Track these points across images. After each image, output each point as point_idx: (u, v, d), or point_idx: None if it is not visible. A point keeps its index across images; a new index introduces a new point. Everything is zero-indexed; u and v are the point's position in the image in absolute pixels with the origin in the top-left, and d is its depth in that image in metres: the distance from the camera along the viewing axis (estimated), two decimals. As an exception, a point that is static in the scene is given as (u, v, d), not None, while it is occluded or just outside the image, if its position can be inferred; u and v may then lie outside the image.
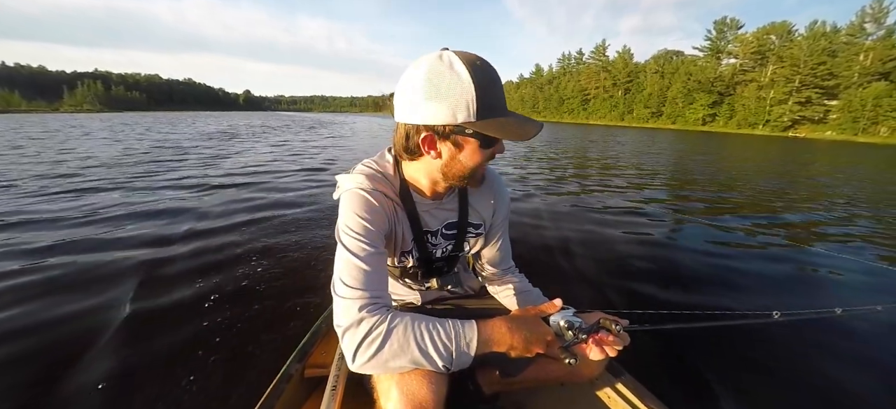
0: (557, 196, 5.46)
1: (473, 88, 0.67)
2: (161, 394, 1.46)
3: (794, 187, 7.35)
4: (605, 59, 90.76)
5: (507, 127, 0.70)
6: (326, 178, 6.22)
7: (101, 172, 6.20)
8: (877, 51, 51.74)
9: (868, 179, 9.36)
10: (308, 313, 2.00)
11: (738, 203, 5.60)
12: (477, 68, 0.68)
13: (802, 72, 56.87)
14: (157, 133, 15.66)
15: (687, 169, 9.41)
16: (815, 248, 3.57)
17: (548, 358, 0.77)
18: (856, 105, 51.29)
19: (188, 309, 2.05)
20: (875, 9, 53.34)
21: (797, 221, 4.68)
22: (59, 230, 3.24)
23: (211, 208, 4.10)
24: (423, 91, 0.68)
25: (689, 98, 70.23)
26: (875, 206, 5.80)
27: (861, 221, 4.77)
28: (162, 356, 1.67)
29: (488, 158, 0.77)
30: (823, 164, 13.30)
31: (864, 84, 52.20)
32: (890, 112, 47.86)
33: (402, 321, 0.67)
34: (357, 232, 0.75)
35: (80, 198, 4.42)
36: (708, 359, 1.76)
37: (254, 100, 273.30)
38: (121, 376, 1.55)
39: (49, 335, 1.82)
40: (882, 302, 1.27)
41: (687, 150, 16.16)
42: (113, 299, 2.13)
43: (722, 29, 70.22)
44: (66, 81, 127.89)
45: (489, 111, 0.69)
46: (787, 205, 5.61)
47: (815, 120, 57.27)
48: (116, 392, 1.47)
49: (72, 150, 9.22)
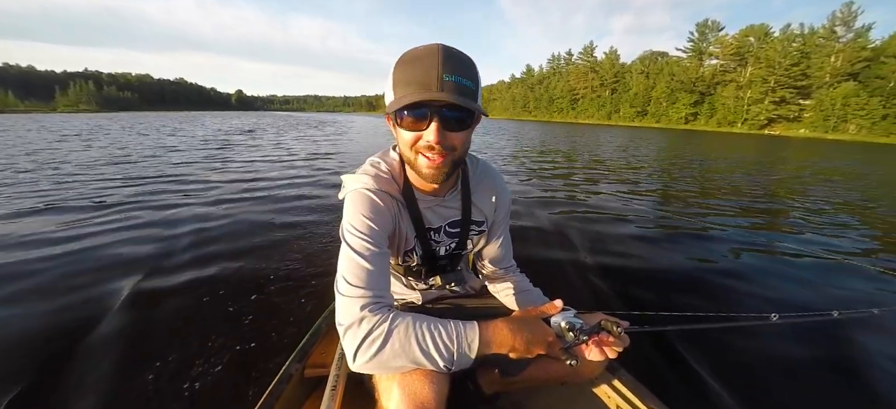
0: (556, 196, 5.45)
1: (394, 67, 0.69)
2: (161, 394, 1.44)
3: (789, 189, 7.36)
4: (592, 59, 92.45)
5: (402, 100, 0.68)
6: (324, 178, 6.20)
7: (107, 169, 6.39)
8: (846, 53, 54.23)
9: (857, 176, 9.61)
10: (308, 312, 1.98)
11: (736, 206, 5.58)
12: (412, 50, 0.69)
13: (777, 73, 59.11)
14: (169, 131, 15.67)
15: (684, 171, 9.43)
16: (812, 251, 3.57)
17: (548, 358, 0.77)
18: (827, 104, 53.72)
19: (188, 309, 2.03)
20: (845, 12, 55.67)
21: (795, 223, 4.66)
22: (55, 228, 3.33)
23: (211, 207, 4.11)
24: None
25: (673, 98, 72.20)
26: (872, 207, 5.81)
27: (857, 224, 4.79)
28: (162, 355, 1.64)
29: (412, 139, 0.73)
30: (804, 161, 13.54)
31: (834, 84, 54.65)
32: (858, 111, 50.31)
33: (404, 321, 0.67)
34: (361, 232, 0.75)
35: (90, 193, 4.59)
36: (707, 360, 1.77)
37: (246, 100, 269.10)
38: (120, 374, 1.54)
39: (49, 334, 1.81)
40: (879, 306, 1.31)
41: (677, 150, 16.17)
42: (112, 297, 2.11)
43: (703, 31, 72.19)
44: (57, 81, 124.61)
45: (399, 88, 0.69)
46: (785, 207, 5.61)
47: (790, 118, 59.60)
48: (116, 391, 1.46)
49: (110, 146, 9.52)
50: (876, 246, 3.97)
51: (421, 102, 0.67)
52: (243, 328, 1.85)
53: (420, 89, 0.67)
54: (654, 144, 19.36)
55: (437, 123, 0.69)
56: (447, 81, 0.66)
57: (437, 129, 0.69)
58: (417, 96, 0.66)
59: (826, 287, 2.79)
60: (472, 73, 0.71)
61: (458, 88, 0.67)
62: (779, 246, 3.67)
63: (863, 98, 50.25)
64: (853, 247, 3.84)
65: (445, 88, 0.66)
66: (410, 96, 0.67)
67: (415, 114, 0.70)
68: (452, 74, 0.67)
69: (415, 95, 0.67)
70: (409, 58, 0.69)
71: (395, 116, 0.72)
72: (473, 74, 0.71)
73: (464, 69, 0.69)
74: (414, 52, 0.70)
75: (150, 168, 6.71)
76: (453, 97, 0.66)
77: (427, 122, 0.69)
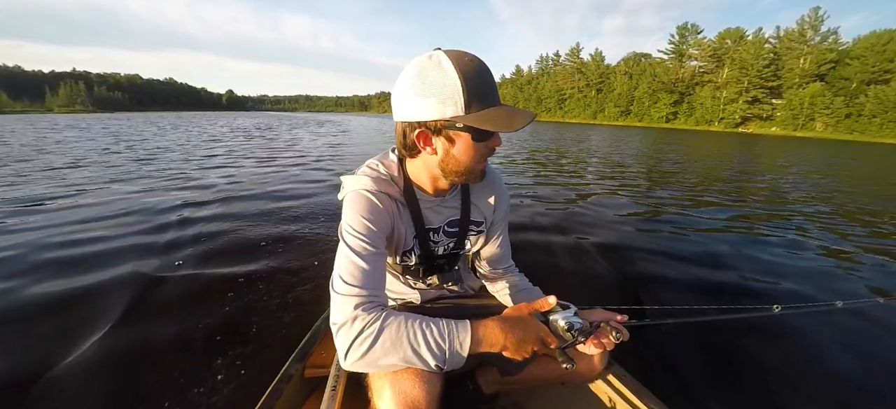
0: (554, 195, 5.43)
1: (460, 82, 0.66)
2: (160, 394, 1.41)
3: (782, 181, 7.42)
4: (579, 60, 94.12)
5: (496, 118, 0.68)
6: (324, 177, 6.18)
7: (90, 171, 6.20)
8: (814, 55, 56.96)
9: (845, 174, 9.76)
10: (308, 313, 1.94)
11: (732, 198, 5.56)
12: (464, 63, 0.67)
13: (750, 74, 61.61)
14: (175, 130, 16.24)
15: (677, 165, 9.42)
16: (813, 241, 3.53)
17: (547, 358, 0.75)
18: (795, 104, 56.41)
19: (188, 308, 1.99)
20: (812, 17, 58.37)
21: (792, 214, 4.65)
22: (52, 223, 3.36)
23: (212, 206, 4.08)
24: (413, 88, 0.69)
25: (654, 98, 74.25)
26: (870, 201, 5.86)
27: (852, 217, 4.79)
28: (161, 355, 1.62)
29: (485, 152, 0.75)
30: (789, 157, 13.90)
31: (803, 85, 57.38)
32: (823, 110, 53.17)
33: (396, 320, 0.66)
34: (359, 232, 0.75)
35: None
36: (709, 354, 1.73)
37: (237, 100, 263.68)
38: (119, 375, 1.52)
39: (48, 332, 1.79)
40: (883, 295, 1.25)
41: (663, 147, 16.22)
42: (112, 295, 2.09)
43: (683, 33, 74.45)
44: (45, 81, 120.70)
45: (478, 104, 0.68)
46: (782, 199, 5.62)
47: (763, 117, 62.18)
48: (115, 391, 1.44)
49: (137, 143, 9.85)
50: (876, 237, 3.94)
51: (511, 113, 0.69)
52: (243, 328, 1.83)
53: (507, 105, 0.70)
54: (639, 142, 19.70)
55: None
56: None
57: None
58: (518, 115, 0.68)
59: (828, 279, 2.76)
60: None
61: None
62: (777, 238, 3.66)
63: (828, 98, 53.12)
64: (854, 238, 3.80)
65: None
66: (512, 114, 0.68)
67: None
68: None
69: (513, 113, 0.69)
70: (473, 72, 0.68)
71: (473, 132, 0.70)
72: None
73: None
74: (474, 64, 0.68)
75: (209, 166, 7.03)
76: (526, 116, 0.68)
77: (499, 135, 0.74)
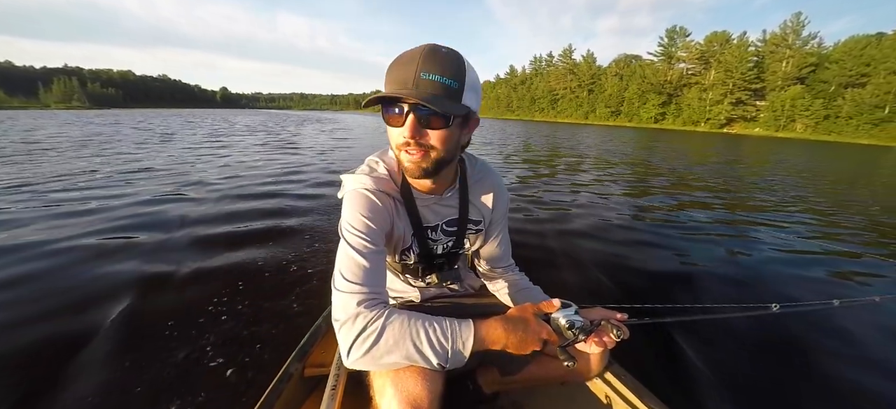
0: (554, 194, 5.40)
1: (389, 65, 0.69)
2: (160, 394, 1.40)
3: (780, 182, 7.47)
4: (571, 62, 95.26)
5: (375, 96, 0.68)
6: (323, 176, 6.12)
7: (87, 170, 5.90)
8: (795, 58, 58.70)
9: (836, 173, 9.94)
10: (308, 312, 1.94)
11: (730, 199, 5.60)
12: (405, 51, 0.69)
13: (735, 76, 63.24)
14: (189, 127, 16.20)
15: (673, 165, 9.49)
16: (812, 241, 3.54)
17: (548, 357, 0.75)
18: (777, 105, 58.13)
19: (188, 308, 1.97)
20: (794, 22, 60.12)
21: (791, 214, 4.68)
22: (49, 222, 3.26)
23: (212, 205, 4.02)
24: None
25: (643, 98, 75.66)
26: (864, 204, 5.92)
27: (848, 217, 4.80)
28: (161, 355, 1.60)
29: (394, 135, 0.73)
30: (778, 158, 14.10)
31: (785, 87, 59.13)
32: (803, 111, 54.97)
33: (399, 318, 0.66)
34: (359, 230, 0.75)
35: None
36: (708, 353, 1.72)
37: (231, 97, 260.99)
38: (119, 376, 1.50)
39: (47, 329, 1.77)
40: (880, 293, 1.29)
41: (653, 148, 16.24)
42: (112, 294, 2.08)
43: (672, 36, 75.89)
44: (38, 77, 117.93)
45: (386, 87, 0.69)
46: (778, 200, 5.67)
47: (747, 118, 63.85)
48: (115, 392, 1.42)
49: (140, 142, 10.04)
50: (873, 237, 3.97)
51: (391, 98, 0.67)
52: (243, 327, 1.81)
53: (397, 87, 0.67)
54: (630, 142, 19.96)
55: (412, 120, 0.68)
56: (423, 78, 0.65)
57: (412, 125, 0.68)
58: (387, 93, 0.67)
59: (827, 277, 2.77)
60: (457, 71, 0.68)
61: (435, 86, 0.66)
62: (775, 238, 3.66)
63: (808, 100, 54.93)
64: (851, 239, 3.82)
65: (420, 85, 0.65)
66: (385, 93, 0.67)
67: (390, 111, 0.70)
68: (430, 73, 0.65)
69: (388, 92, 0.67)
70: (397, 58, 0.68)
71: (383, 114, 0.71)
72: (458, 73, 0.68)
73: (446, 67, 0.66)
74: (404, 52, 0.69)
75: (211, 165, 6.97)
76: (422, 95, 0.64)
77: (403, 119, 0.69)
